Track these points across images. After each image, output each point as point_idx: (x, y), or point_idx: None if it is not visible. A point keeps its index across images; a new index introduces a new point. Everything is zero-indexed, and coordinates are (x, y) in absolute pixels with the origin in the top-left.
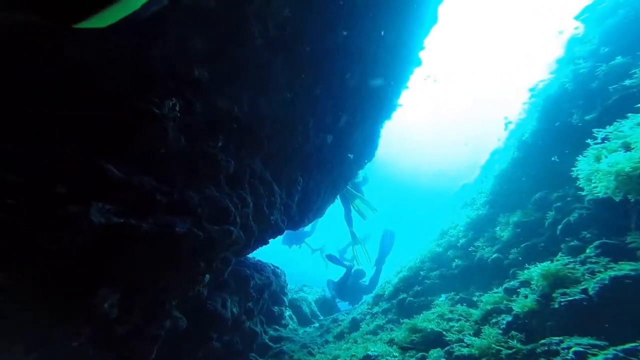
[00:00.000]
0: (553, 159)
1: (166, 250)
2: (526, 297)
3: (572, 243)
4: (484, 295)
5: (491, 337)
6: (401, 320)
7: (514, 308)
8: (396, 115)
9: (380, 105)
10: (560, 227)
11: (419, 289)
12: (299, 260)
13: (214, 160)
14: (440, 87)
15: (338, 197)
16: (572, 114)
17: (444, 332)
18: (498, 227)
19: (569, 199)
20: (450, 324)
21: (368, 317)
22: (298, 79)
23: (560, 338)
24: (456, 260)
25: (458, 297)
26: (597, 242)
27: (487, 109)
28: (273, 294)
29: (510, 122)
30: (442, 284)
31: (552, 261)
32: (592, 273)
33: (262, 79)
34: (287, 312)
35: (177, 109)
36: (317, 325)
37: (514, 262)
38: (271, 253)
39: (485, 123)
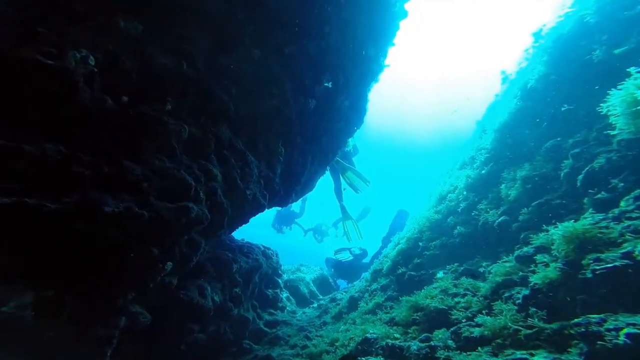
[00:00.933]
0: (564, 108)
1: (97, 235)
2: (546, 265)
3: (598, 196)
4: (493, 265)
5: (507, 315)
6: (401, 298)
7: (532, 280)
8: (384, 75)
9: (364, 66)
10: (580, 177)
11: (418, 261)
12: (297, 236)
13: (160, 125)
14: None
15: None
16: (593, 49)
17: (449, 310)
18: (503, 185)
19: (590, 143)
20: (456, 299)
21: (366, 294)
22: (267, 33)
23: (602, 316)
24: (458, 228)
25: (462, 268)
26: (637, 192)
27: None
28: (265, 276)
29: (509, 75)
30: (443, 254)
31: (575, 220)
32: (636, 232)
33: (220, 32)
34: (284, 294)
35: (93, 63)
36: (315, 305)
37: (525, 224)
38: (266, 235)
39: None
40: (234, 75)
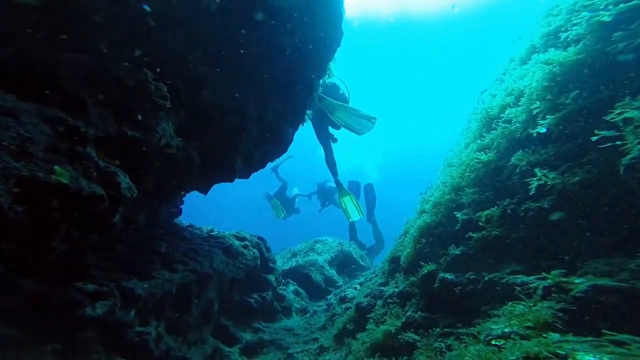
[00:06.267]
0: None
1: None
2: None
3: None
4: None
5: None
6: (431, 330)
7: None
8: None
9: None
10: None
11: (458, 252)
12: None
13: None
14: None
15: (310, 123)
16: None
17: None
18: None
19: None
20: None
21: (379, 303)
22: None
23: None
24: (540, 175)
25: (585, 286)
26: None
27: None
28: (235, 283)
29: None
30: (513, 238)
31: None
32: None
33: None
34: (290, 288)
35: None
36: (327, 301)
37: None
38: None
39: None
40: None
